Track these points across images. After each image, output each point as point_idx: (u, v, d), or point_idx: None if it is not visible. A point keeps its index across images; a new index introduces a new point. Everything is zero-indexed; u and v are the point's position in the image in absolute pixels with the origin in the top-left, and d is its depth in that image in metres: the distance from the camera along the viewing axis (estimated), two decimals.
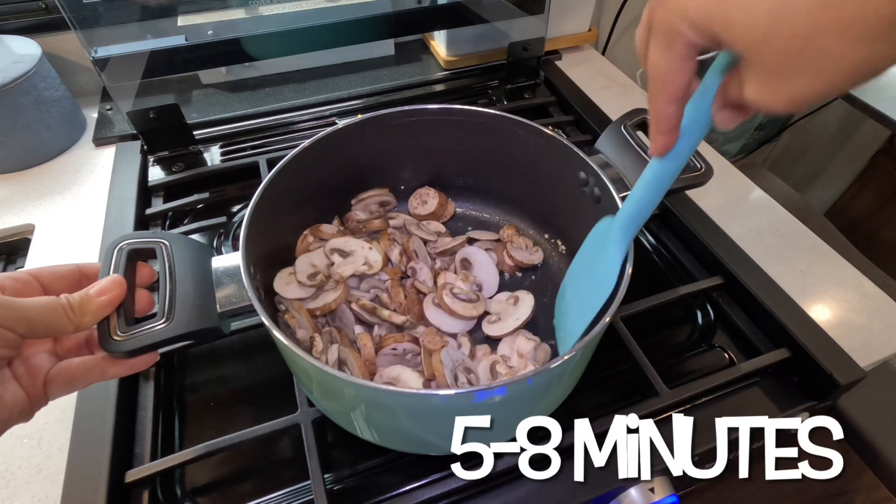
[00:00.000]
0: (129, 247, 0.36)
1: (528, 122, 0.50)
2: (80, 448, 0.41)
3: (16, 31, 0.71)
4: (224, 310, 0.37)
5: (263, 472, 0.44)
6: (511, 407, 0.37)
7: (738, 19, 0.20)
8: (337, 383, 0.35)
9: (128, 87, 0.65)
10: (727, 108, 0.26)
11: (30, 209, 0.63)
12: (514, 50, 0.79)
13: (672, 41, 0.23)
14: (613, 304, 0.35)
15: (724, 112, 0.27)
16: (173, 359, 0.51)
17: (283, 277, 0.48)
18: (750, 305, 0.52)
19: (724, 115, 0.27)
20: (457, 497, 0.41)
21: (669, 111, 0.27)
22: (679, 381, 0.46)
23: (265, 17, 0.72)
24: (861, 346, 0.48)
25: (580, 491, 0.41)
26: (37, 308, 0.30)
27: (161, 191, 0.66)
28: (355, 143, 0.52)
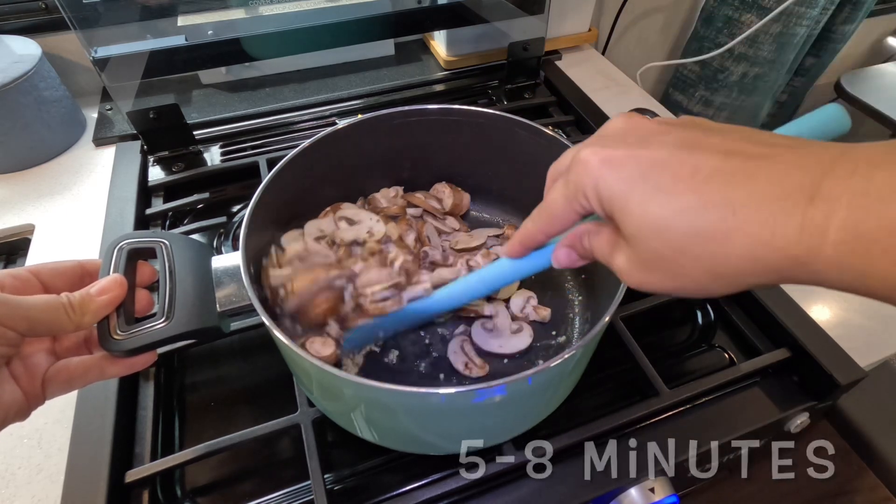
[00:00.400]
0: (129, 246, 0.36)
1: (528, 122, 0.50)
2: (80, 448, 0.41)
3: (16, 31, 0.71)
4: (224, 309, 0.37)
5: (263, 472, 0.44)
6: (511, 406, 0.37)
7: (635, 215, 0.24)
8: (337, 383, 0.35)
9: (128, 87, 0.65)
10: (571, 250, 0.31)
11: (30, 209, 0.63)
12: (514, 50, 0.79)
13: (575, 198, 0.26)
14: (613, 304, 0.35)
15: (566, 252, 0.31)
16: (173, 359, 0.51)
17: (291, 235, 0.48)
18: (750, 305, 0.52)
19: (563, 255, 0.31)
20: (457, 497, 0.41)
21: (539, 238, 0.31)
22: (679, 381, 0.46)
23: (265, 17, 0.72)
24: (861, 346, 0.48)
25: (580, 491, 0.41)
26: (37, 307, 0.29)
27: (161, 191, 0.66)
28: (355, 143, 0.52)
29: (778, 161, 0.21)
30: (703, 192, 0.22)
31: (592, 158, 0.25)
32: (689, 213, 0.22)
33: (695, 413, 0.46)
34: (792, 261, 0.20)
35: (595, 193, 0.25)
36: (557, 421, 0.44)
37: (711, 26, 1.01)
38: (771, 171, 0.21)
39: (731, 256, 0.21)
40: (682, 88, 1.13)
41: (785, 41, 0.99)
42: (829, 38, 1.11)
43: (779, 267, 0.21)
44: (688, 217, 0.22)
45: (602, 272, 0.47)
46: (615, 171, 0.24)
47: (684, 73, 1.12)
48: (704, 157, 0.22)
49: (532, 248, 0.33)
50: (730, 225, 0.21)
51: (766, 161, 0.21)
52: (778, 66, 1.04)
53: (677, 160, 0.23)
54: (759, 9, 0.93)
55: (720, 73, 1.05)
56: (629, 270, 0.26)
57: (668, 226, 0.23)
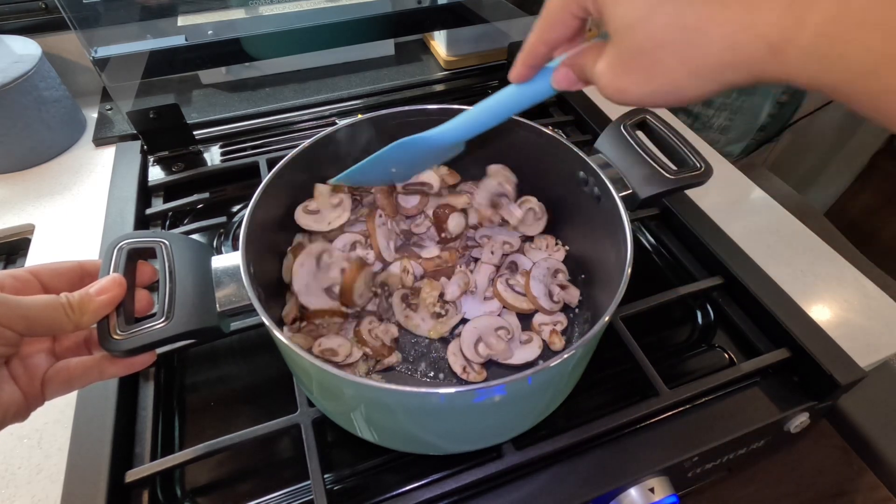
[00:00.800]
0: (129, 246, 0.36)
1: (528, 122, 0.50)
2: (80, 448, 0.41)
3: (16, 31, 0.71)
4: (224, 309, 0.37)
5: (263, 472, 0.44)
6: (511, 406, 0.37)
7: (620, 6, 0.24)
8: (337, 383, 0.35)
9: (128, 87, 0.65)
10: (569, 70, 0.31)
11: (30, 209, 0.63)
12: (514, 50, 0.79)
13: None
14: (613, 304, 0.35)
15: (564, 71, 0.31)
16: (173, 359, 0.51)
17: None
18: (750, 305, 0.52)
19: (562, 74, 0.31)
20: (457, 497, 0.41)
21: (540, 50, 0.31)
22: (679, 381, 0.46)
23: (265, 17, 0.72)
24: (861, 346, 0.48)
25: (580, 491, 0.41)
26: (36, 306, 0.29)
27: (161, 191, 0.66)
28: (355, 143, 0.52)
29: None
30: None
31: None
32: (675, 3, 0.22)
33: (695, 413, 0.46)
34: (767, 47, 0.20)
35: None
36: (557, 421, 0.44)
37: None
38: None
39: (710, 47, 0.22)
40: None
41: None
42: None
43: (754, 58, 0.21)
44: (673, 7, 0.22)
45: (602, 272, 0.48)
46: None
47: None
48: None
49: (536, 65, 0.32)
50: (712, 11, 0.21)
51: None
52: None
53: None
54: None
55: None
56: (608, 74, 0.26)
57: (652, 16, 0.23)
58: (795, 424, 0.47)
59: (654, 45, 0.23)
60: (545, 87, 0.33)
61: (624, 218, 0.41)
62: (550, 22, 0.29)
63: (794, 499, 0.54)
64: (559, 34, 0.29)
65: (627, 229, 0.40)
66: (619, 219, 0.41)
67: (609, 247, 0.45)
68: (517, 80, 0.34)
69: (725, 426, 0.45)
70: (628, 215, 0.41)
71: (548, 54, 0.31)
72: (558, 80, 0.31)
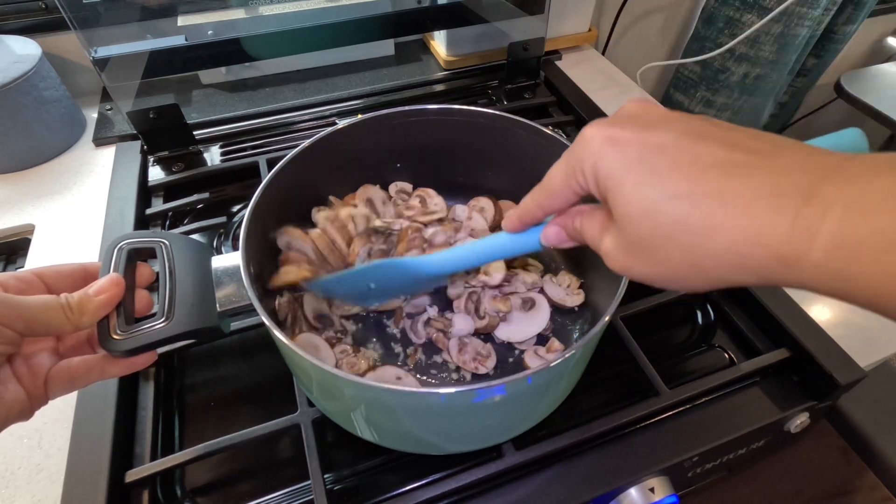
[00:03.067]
0: (128, 246, 0.36)
1: (528, 122, 0.50)
2: (80, 448, 0.41)
3: (16, 31, 0.71)
4: (224, 309, 0.37)
5: (263, 472, 0.44)
6: (511, 406, 0.37)
7: (628, 196, 0.24)
8: (337, 383, 0.35)
9: (128, 87, 0.65)
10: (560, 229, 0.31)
11: (30, 209, 0.63)
12: (514, 50, 0.79)
13: (573, 174, 0.27)
14: (613, 304, 0.35)
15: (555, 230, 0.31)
16: (173, 359, 0.51)
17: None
18: (750, 305, 0.52)
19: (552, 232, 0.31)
20: (457, 497, 0.41)
21: (536, 213, 0.31)
22: (679, 381, 0.46)
23: (265, 17, 0.72)
24: (861, 346, 0.48)
25: (580, 491, 0.41)
26: (36, 306, 0.30)
27: (161, 191, 0.66)
28: (355, 143, 0.52)
29: (780, 159, 0.21)
30: (699, 181, 0.22)
31: (596, 136, 0.25)
32: (680, 200, 0.22)
33: (695, 413, 0.46)
34: (778, 261, 0.20)
35: (592, 171, 0.25)
36: (557, 421, 0.44)
37: (712, 26, 1.01)
38: (771, 167, 0.20)
39: (716, 251, 0.21)
40: (682, 89, 1.13)
41: (786, 42, 0.99)
42: (831, 38, 1.11)
43: (763, 266, 0.21)
44: (678, 204, 0.22)
45: (601, 272, 0.48)
46: (616, 151, 0.24)
47: (685, 73, 1.12)
48: (707, 147, 0.22)
49: (529, 224, 0.33)
50: (718, 218, 0.21)
51: (769, 158, 0.21)
52: (779, 66, 1.04)
53: (680, 147, 0.23)
54: (760, 9, 0.93)
55: (721, 74, 1.05)
56: (614, 253, 0.26)
57: (657, 210, 0.22)
58: (795, 424, 0.47)
59: (658, 241, 0.23)
60: (534, 242, 0.33)
61: None
62: (550, 194, 0.29)
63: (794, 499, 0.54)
64: (557, 205, 0.30)
65: None
66: None
67: None
68: (510, 231, 0.34)
69: (725, 426, 0.45)
70: None
71: (542, 217, 0.32)
72: (548, 237, 0.32)
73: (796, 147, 0.21)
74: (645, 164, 0.23)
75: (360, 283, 0.43)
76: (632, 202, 0.23)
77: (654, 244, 0.23)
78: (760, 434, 0.46)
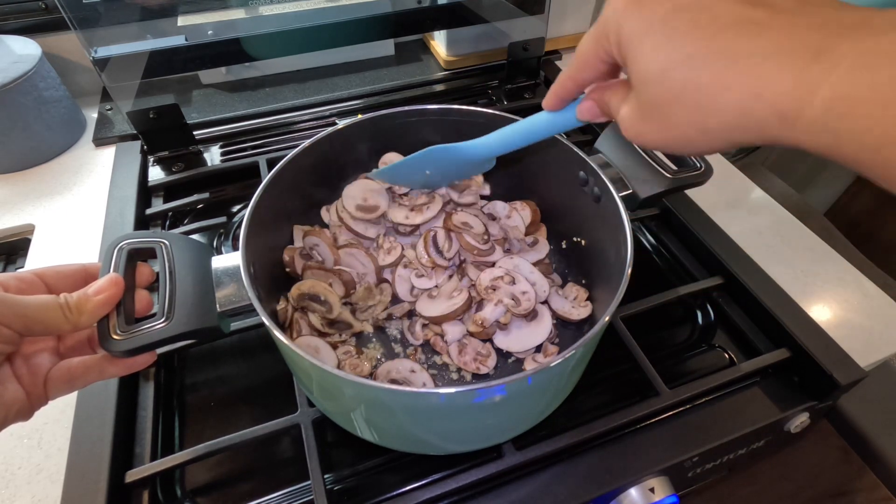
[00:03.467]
0: (129, 246, 0.36)
1: None
2: (80, 448, 0.41)
3: (16, 31, 0.71)
4: (224, 309, 0.37)
5: (263, 472, 0.44)
6: (511, 406, 0.37)
7: (645, 58, 0.24)
8: (337, 383, 0.35)
9: (128, 87, 0.65)
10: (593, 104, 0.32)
11: (30, 209, 0.63)
12: (514, 50, 0.79)
13: (599, 41, 0.27)
14: (613, 304, 0.35)
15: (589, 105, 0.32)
16: (173, 359, 0.51)
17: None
18: (750, 305, 0.52)
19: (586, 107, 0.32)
20: (457, 497, 0.41)
21: (569, 86, 0.32)
22: (679, 381, 0.46)
23: (265, 17, 0.72)
24: (861, 346, 0.48)
25: (580, 491, 0.41)
26: (34, 306, 0.30)
27: (161, 191, 0.66)
28: (355, 143, 0.52)
29: (801, 17, 0.20)
30: (714, 40, 0.22)
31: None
32: (693, 61, 0.22)
33: (695, 413, 0.46)
34: (777, 116, 0.20)
35: (616, 35, 0.25)
36: (557, 421, 0.44)
37: None
38: (789, 25, 0.20)
39: (721, 110, 0.22)
40: None
41: None
42: None
43: (763, 123, 0.21)
44: (691, 64, 0.22)
45: (602, 272, 0.48)
46: (640, 13, 0.24)
47: None
48: (729, 6, 0.22)
49: (565, 99, 0.34)
50: (726, 76, 0.21)
51: (791, 15, 0.21)
52: None
53: (701, 6, 0.23)
54: None
55: None
56: (629, 119, 0.27)
57: (671, 70, 0.23)
58: (795, 424, 0.47)
59: (668, 101, 0.24)
60: (571, 118, 0.35)
61: (624, 218, 0.41)
62: (581, 63, 0.30)
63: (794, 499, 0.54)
64: (588, 75, 0.30)
65: (627, 229, 0.40)
66: (619, 219, 0.41)
67: (609, 247, 0.45)
68: (549, 108, 0.35)
69: (725, 426, 0.45)
70: (628, 215, 0.41)
71: (577, 91, 0.33)
72: (582, 111, 0.33)
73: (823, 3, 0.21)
74: (666, 25, 0.23)
75: (418, 170, 0.47)
76: (649, 63, 0.24)
77: (663, 107, 0.24)
78: (760, 434, 0.46)
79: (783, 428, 0.47)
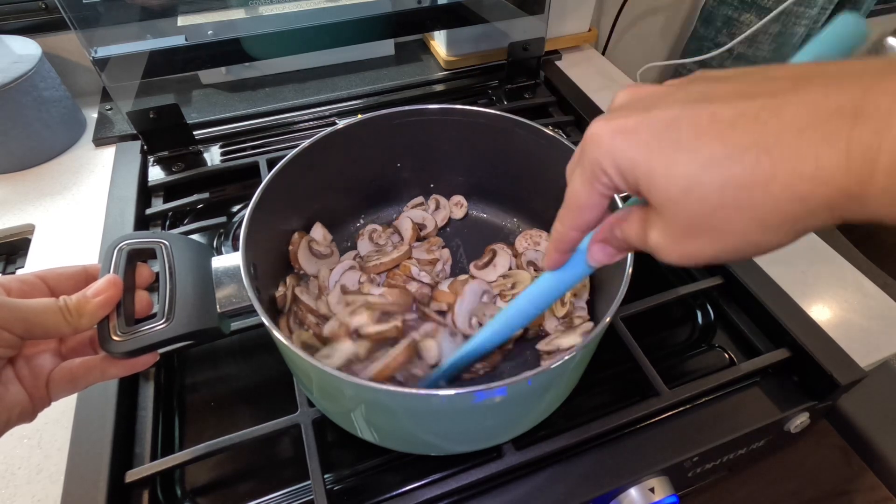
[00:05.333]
0: (128, 247, 0.36)
1: (528, 122, 0.50)
2: (80, 448, 0.41)
3: (16, 31, 0.71)
4: (224, 310, 0.37)
5: (263, 472, 0.44)
6: (512, 407, 0.37)
7: (661, 178, 0.21)
8: (337, 383, 0.35)
9: (128, 87, 0.65)
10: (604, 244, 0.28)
11: (30, 209, 0.63)
12: (514, 50, 0.79)
13: (595, 178, 0.24)
14: (614, 304, 0.35)
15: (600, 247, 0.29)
16: (173, 359, 0.51)
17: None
18: (750, 305, 0.52)
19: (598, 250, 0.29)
20: (457, 497, 0.41)
21: (572, 236, 0.29)
22: (679, 381, 0.46)
23: (265, 17, 0.72)
24: (861, 346, 0.48)
25: (580, 491, 0.41)
26: (34, 309, 0.30)
27: (161, 191, 0.66)
28: (355, 143, 0.52)
29: (808, 88, 0.19)
30: (729, 137, 0.20)
31: (603, 131, 0.23)
32: (718, 163, 0.20)
33: (695, 413, 0.46)
34: (842, 193, 0.18)
35: (614, 167, 0.23)
36: (557, 421, 0.44)
37: (711, 26, 1.01)
38: (801, 100, 0.18)
39: (776, 200, 0.19)
40: None
41: (784, 41, 0.99)
42: None
43: (830, 203, 0.18)
44: (718, 168, 0.20)
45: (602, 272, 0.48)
46: (629, 139, 0.22)
47: (684, 73, 1.12)
48: (721, 105, 0.20)
49: (568, 251, 0.30)
50: (766, 167, 0.19)
51: (794, 92, 0.19)
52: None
53: (691, 114, 0.21)
54: (758, 9, 0.93)
55: None
56: (667, 244, 0.24)
57: (698, 182, 0.20)
58: (795, 424, 0.47)
59: (712, 211, 0.21)
60: (581, 269, 0.31)
61: None
62: (579, 208, 0.27)
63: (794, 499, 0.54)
64: (589, 218, 0.27)
65: None
66: None
67: None
68: (553, 267, 0.32)
69: (725, 426, 0.45)
70: None
71: (580, 238, 0.29)
72: (594, 256, 0.29)
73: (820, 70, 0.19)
74: (665, 142, 0.21)
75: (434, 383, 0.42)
76: (669, 185, 0.21)
77: (706, 218, 0.21)
78: (760, 434, 0.46)
79: (783, 428, 0.47)
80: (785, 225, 0.20)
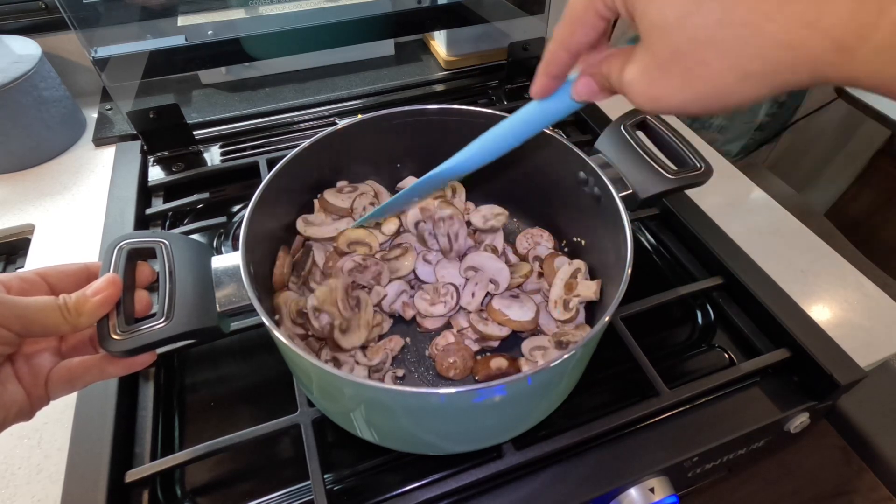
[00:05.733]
0: (128, 246, 0.36)
1: None
2: (80, 448, 0.41)
3: (16, 31, 0.71)
4: (224, 309, 0.37)
5: (263, 472, 0.44)
6: (511, 407, 0.37)
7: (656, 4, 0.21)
8: (337, 383, 0.35)
9: (128, 87, 0.65)
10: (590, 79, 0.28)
11: (30, 209, 0.63)
12: (514, 50, 0.79)
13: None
14: (613, 304, 0.35)
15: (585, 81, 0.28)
16: (173, 359, 0.51)
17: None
18: (750, 305, 0.52)
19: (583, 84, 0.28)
20: (457, 497, 0.41)
21: (562, 56, 0.28)
22: (679, 381, 0.46)
23: (265, 17, 0.72)
24: (861, 346, 0.48)
25: (580, 491, 0.41)
26: (33, 307, 0.30)
27: (161, 191, 0.66)
28: (355, 143, 0.52)
29: None
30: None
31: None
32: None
33: (695, 413, 0.46)
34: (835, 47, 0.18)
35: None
36: (557, 421, 0.44)
37: None
38: None
39: (768, 44, 0.19)
40: None
41: None
42: None
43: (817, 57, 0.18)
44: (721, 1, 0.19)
45: (602, 272, 0.48)
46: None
47: None
48: None
49: (556, 76, 0.29)
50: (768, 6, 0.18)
51: None
52: None
53: None
54: None
55: None
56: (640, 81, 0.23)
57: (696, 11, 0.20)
58: (795, 424, 0.47)
59: (696, 46, 0.20)
60: (566, 102, 0.30)
61: (624, 218, 0.41)
62: (573, 23, 0.26)
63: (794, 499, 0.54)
64: (583, 37, 0.26)
65: (627, 229, 0.40)
66: (619, 219, 0.41)
67: (609, 247, 0.45)
68: (539, 93, 0.31)
69: (725, 426, 0.45)
70: (628, 215, 0.41)
71: (571, 62, 0.28)
72: (579, 91, 0.28)
73: None
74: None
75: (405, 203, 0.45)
76: (664, 9, 0.21)
77: (689, 55, 0.20)
78: (760, 434, 0.46)
79: (783, 428, 0.47)
80: (764, 77, 0.20)
